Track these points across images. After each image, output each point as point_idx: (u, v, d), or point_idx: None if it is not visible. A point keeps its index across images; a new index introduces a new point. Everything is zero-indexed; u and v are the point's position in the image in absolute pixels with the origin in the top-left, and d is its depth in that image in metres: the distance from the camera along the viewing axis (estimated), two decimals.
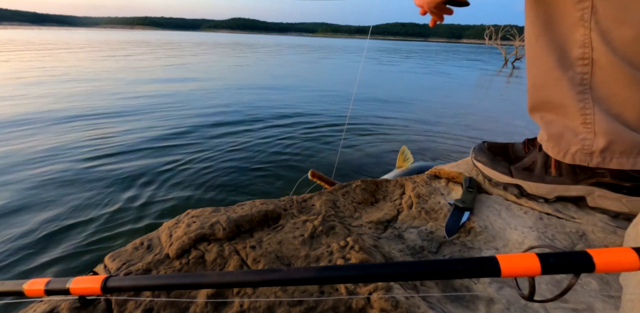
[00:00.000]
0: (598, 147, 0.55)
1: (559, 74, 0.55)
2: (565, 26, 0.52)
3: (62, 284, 0.33)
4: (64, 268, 1.10)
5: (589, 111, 0.54)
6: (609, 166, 0.56)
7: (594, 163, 0.57)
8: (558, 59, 0.54)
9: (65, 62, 6.85)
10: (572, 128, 0.57)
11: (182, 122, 2.76)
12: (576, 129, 0.57)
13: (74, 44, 14.36)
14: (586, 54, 0.51)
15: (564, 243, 0.54)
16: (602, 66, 0.51)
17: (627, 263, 0.23)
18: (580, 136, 0.57)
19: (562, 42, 0.53)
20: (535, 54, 0.58)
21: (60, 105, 3.16)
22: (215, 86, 4.76)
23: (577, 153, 0.58)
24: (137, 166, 1.86)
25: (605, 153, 0.55)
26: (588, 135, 0.56)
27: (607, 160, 0.56)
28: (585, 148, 0.57)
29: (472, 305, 0.43)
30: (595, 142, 0.55)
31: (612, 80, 0.51)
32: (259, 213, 0.60)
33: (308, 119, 3.02)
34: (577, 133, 0.57)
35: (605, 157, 0.56)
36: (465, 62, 13.53)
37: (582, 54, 0.52)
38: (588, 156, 0.57)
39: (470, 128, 3.00)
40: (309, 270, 0.29)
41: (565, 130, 0.58)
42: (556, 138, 0.60)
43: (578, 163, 0.58)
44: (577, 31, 0.51)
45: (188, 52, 12.23)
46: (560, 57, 0.54)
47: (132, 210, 1.44)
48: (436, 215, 0.63)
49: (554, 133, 0.60)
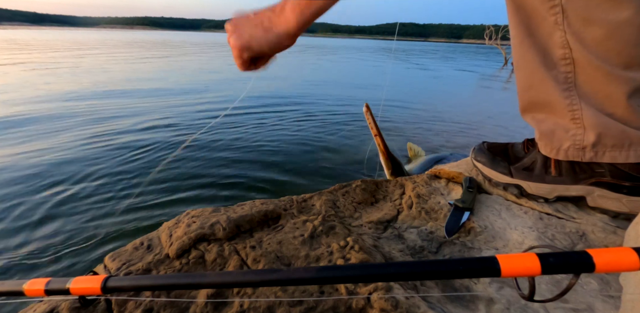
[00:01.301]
0: (589, 141, 0.56)
1: (544, 74, 0.56)
2: (544, 29, 0.54)
3: (62, 284, 0.33)
4: (63, 268, 1.10)
5: (576, 107, 0.55)
6: (602, 160, 0.56)
7: (587, 158, 0.57)
8: (542, 61, 0.56)
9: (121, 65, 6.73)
10: (562, 125, 0.58)
11: (192, 115, 2.76)
12: (566, 125, 0.58)
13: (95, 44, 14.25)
14: (567, 54, 0.53)
15: (564, 243, 0.54)
16: (582, 65, 0.52)
17: (627, 263, 0.23)
18: (570, 132, 0.58)
19: (544, 44, 0.55)
20: (520, 56, 0.59)
21: (49, 105, 3.15)
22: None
23: (570, 148, 0.59)
24: (138, 165, 1.86)
25: (597, 147, 0.56)
26: (578, 130, 0.57)
27: (599, 154, 0.56)
28: (576, 143, 0.58)
29: (472, 305, 0.43)
30: (586, 136, 0.56)
31: (593, 78, 0.53)
32: (259, 213, 0.60)
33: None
34: (568, 129, 0.58)
35: (597, 151, 0.56)
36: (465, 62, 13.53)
37: (564, 55, 0.53)
38: (580, 151, 0.58)
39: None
40: (309, 270, 0.29)
41: (556, 127, 0.59)
42: (548, 135, 0.61)
43: (571, 158, 0.59)
44: (555, 34, 0.53)
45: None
46: (544, 58, 0.55)
47: (132, 209, 1.44)
48: (436, 215, 0.63)
49: (545, 131, 0.61)
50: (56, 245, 1.19)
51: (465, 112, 3.69)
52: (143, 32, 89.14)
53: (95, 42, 16.70)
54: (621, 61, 0.50)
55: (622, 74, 0.51)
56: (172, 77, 5.52)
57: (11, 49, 10.16)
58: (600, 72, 0.52)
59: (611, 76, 0.51)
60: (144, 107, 3.19)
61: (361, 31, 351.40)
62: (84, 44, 15.18)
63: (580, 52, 0.52)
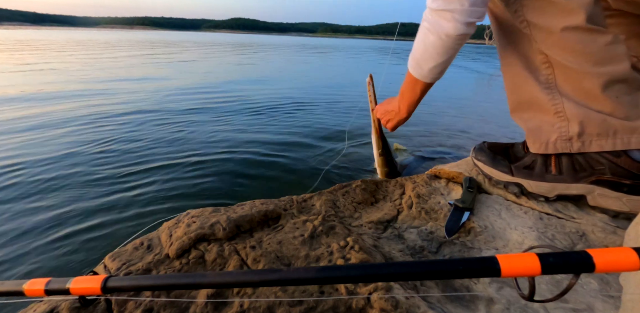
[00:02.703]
0: (574, 131, 0.59)
1: (527, 77, 0.61)
2: (522, 38, 0.60)
3: (62, 284, 0.33)
4: (63, 268, 1.10)
5: (557, 101, 0.59)
6: (590, 150, 0.59)
7: (576, 148, 0.60)
8: (525, 65, 0.61)
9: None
10: (547, 121, 0.61)
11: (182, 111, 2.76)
12: (551, 120, 0.61)
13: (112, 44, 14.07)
14: (545, 59, 0.58)
15: (564, 243, 0.54)
16: (560, 67, 0.57)
17: (627, 263, 0.23)
18: (556, 126, 0.60)
19: (524, 51, 0.60)
20: (506, 62, 0.65)
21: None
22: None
23: (557, 141, 0.61)
24: (138, 164, 1.86)
25: (582, 136, 0.59)
26: (562, 123, 0.60)
27: (586, 144, 0.59)
28: (563, 135, 0.60)
29: (472, 305, 0.43)
30: (571, 127, 0.59)
31: (570, 77, 0.57)
32: (259, 213, 0.60)
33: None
34: (553, 123, 0.61)
35: (584, 141, 0.59)
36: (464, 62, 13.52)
37: (542, 59, 0.58)
38: (567, 142, 0.60)
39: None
40: (309, 270, 0.29)
41: (542, 123, 0.62)
42: (535, 132, 0.64)
43: (560, 151, 0.61)
44: (531, 42, 0.59)
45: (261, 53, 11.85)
46: (527, 63, 0.61)
47: (132, 209, 1.44)
48: (436, 215, 0.63)
49: (532, 128, 0.64)
50: (55, 245, 1.19)
51: (465, 112, 3.69)
52: (143, 32, 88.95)
53: (166, 43, 16.41)
54: (588, 59, 0.54)
55: (593, 70, 0.55)
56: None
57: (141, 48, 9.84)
58: (574, 71, 0.56)
59: (583, 72, 0.55)
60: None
61: (361, 31, 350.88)
62: (177, 44, 14.87)
63: (553, 55, 0.57)
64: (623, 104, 0.55)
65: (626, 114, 0.55)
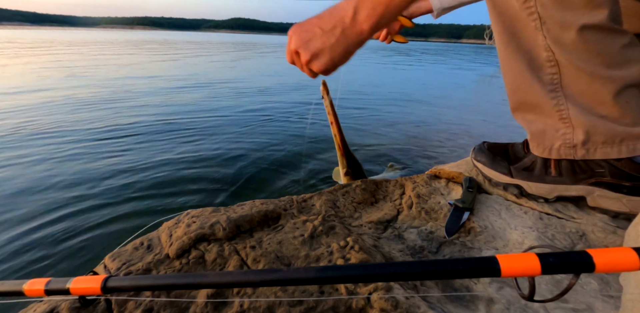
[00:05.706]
0: (579, 139, 0.57)
1: (530, 77, 0.58)
2: (527, 33, 0.55)
3: (62, 284, 0.33)
4: (63, 268, 1.10)
5: (563, 107, 0.57)
6: (594, 157, 0.57)
7: (580, 156, 0.58)
8: (528, 63, 0.57)
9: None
10: (551, 125, 0.59)
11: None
12: (555, 125, 0.59)
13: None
14: (551, 57, 0.54)
15: (564, 243, 0.54)
16: (566, 66, 0.54)
17: (627, 263, 0.23)
18: (560, 132, 0.59)
19: (528, 47, 0.56)
20: (507, 60, 0.61)
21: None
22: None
23: (561, 147, 0.60)
24: (139, 163, 1.86)
25: (587, 144, 0.57)
26: (567, 130, 0.58)
27: (591, 151, 0.57)
28: (567, 142, 0.58)
29: (472, 305, 0.43)
30: (575, 135, 0.57)
31: (578, 78, 0.54)
32: (259, 213, 0.60)
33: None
34: (557, 128, 0.59)
35: (588, 148, 0.57)
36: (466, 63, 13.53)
37: (548, 57, 0.55)
38: (571, 149, 0.59)
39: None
40: (309, 270, 0.29)
41: (546, 127, 0.60)
42: (539, 136, 0.62)
43: (564, 157, 0.60)
44: (538, 37, 0.54)
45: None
46: (530, 61, 0.57)
47: (133, 208, 1.44)
48: (436, 215, 0.63)
49: (536, 131, 0.62)
50: (55, 245, 1.19)
51: (465, 112, 3.69)
52: (143, 32, 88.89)
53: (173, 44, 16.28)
54: (603, 61, 0.51)
55: (606, 73, 0.52)
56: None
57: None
58: (584, 73, 0.53)
59: (595, 75, 0.52)
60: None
61: None
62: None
63: (562, 54, 0.53)
64: (632, 110, 0.53)
65: (634, 120, 0.54)
